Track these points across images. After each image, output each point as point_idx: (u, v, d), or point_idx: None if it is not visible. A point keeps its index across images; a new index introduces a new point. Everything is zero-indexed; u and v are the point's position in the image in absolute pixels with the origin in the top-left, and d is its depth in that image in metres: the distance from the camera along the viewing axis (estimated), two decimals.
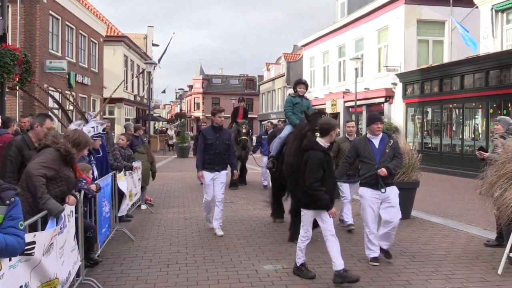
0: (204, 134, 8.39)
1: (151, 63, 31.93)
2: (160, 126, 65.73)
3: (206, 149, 8.29)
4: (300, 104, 8.70)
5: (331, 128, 6.00)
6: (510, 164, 6.47)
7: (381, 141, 6.64)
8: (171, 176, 18.25)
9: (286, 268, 6.39)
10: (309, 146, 5.98)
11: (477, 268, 6.41)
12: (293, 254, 7.09)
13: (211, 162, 8.28)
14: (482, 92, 18.63)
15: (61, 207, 4.62)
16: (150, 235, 8.35)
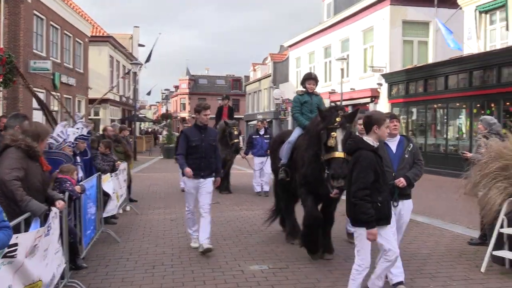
0: (187, 135, 7.25)
1: (137, 64, 31.77)
2: (146, 127, 65.53)
3: (190, 152, 7.12)
4: (309, 103, 7.55)
5: (374, 122, 4.80)
6: (493, 163, 6.55)
7: (399, 145, 5.63)
8: (157, 177, 18.18)
9: (272, 268, 6.40)
10: (356, 146, 4.83)
11: (461, 266, 6.48)
12: (279, 254, 7.12)
13: (196, 167, 7.05)
14: (465, 92, 18.82)
15: (44, 207, 4.59)
16: (135, 236, 8.30)
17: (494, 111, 17.21)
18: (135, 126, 33.93)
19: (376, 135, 4.80)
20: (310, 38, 34.73)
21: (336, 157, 5.75)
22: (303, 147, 6.83)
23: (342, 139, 5.80)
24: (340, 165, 5.67)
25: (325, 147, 5.91)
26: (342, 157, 5.69)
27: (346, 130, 5.88)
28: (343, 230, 8.18)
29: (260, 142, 13.39)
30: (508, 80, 16.65)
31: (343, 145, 5.75)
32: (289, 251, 7.28)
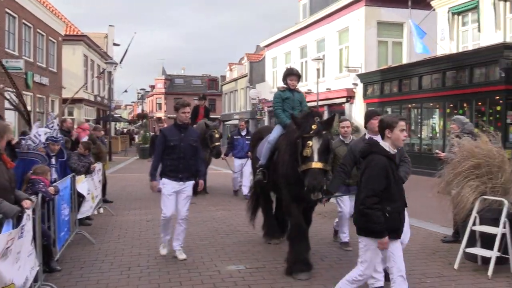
0: (165, 134, 6.78)
1: (112, 63, 31.44)
2: (122, 127, 64.89)
3: (168, 153, 6.68)
4: (291, 99, 7.16)
5: (386, 126, 4.47)
6: (466, 162, 6.67)
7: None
8: (133, 178, 18.02)
9: (249, 268, 6.40)
10: (369, 150, 4.49)
11: (435, 263, 6.58)
12: (256, 254, 7.13)
13: (174, 169, 6.66)
14: (439, 92, 19.12)
15: (17, 208, 4.51)
16: (111, 237, 8.22)
17: (466, 110, 17.53)
18: (110, 126, 33.57)
19: (390, 140, 4.42)
20: (286, 38, 34.85)
21: (312, 168, 5.40)
22: (283, 148, 6.46)
23: (319, 148, 5.46)
24: (315, 177, 5.32)
25: (301, 157, 5.55)
26: (319, 167, 5.39)
27: (323, 138, 5.51)
28: (318, 229, 8.23)
29: (241, 143, 12.93)
30: (480, 80, 16.97)
31: (319, 154, 5.44)
32: (266, 251, 7.30)
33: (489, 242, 6.17)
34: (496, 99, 16.17)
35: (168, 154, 6.70)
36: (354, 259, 6.71)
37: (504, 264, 6.26)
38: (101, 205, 10.70)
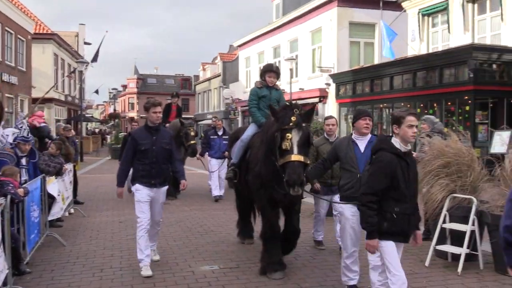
0: (135, 138, 6.23)
1: (83, 62, 30.99)
2: (93, 127, 64.02)
3: (139, 158, 6.18)
4: (267, 97, 6.77)
5: (393, 121, 4.22)
6: (436, 161, 6.80)
7: (368, 145, 5.18)
8: (105, 178, 17.79)
9: (222, 268, 6.39)
10: (378, 146, 4.24)
11: (407, 261, 6.67)
12: (230, 254, 7.12)
13: (146, 175, 6.17)
14: (410, 92, 19.40)
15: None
16: (82, 239, 8.10)
17: (436, 110, 17.82)
18: (81, 126, 33.10)
19: (399, 137, 4.16)
20: (260, 38, 34.90)
21: (292, 160, 5.13)
22: (257, 145, 6.20)
23: (298, 140, 5.22)
24: (295, 170, 5.06)
25: (280, 151, 5.30)
26: (299, 160, 5.13)
27: (302, 131, 5.28)
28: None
29: (218, 143, 12.44)
30: (449, 80, 17.28)
31: (299, 147, 5.20)
32: (239, 251, 7.30)
33: (458, 240, 6.29)
34: (465, 99, 16.49)
35: (139, 159, 6.21)
36: (327, 257, 6.79)
37: (473, 260, 6.41)
38: (72, 206, 10.54)
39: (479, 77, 16.03)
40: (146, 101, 6.55)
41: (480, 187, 6.67)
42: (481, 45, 16.92)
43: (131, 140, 6.30)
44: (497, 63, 16.41)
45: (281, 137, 5.29)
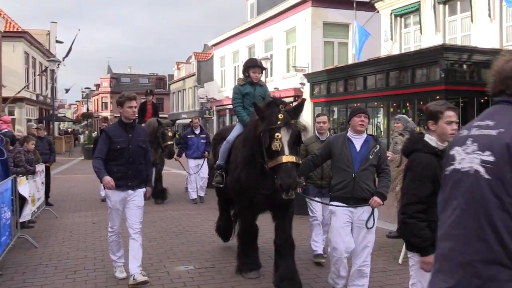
0: (110, 135, 5.66)
1: (55, 61, 30.49)
2: (66, 127, 63.07)
3: (113, 157, 5.62)
4: (251, 94, 6.31)
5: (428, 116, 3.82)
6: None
7: (364, 144, 5.00)
8: (78, 179, 17.56)
9: (198, 268, 6.38)
10: (411, 147, 3.77)
11: (380, 258, 6.77)
12: (205, 254, 7.11)
13: (122, 177, 5.61)
14: (383, 92, 19.63)
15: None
16: (55, 241, 7.98)
17: (409, 110, 18.09)
18: (53, 126, 32.56)
19: (435, 134, 3.71)
20: (234, 38, 34.88)
21: (283, 162, 4.69)
22: (239, 147, 5.84)
23: (289, 139, 4.80)
24: (289, 174, 4.63)
25: (269, 152, 4.83)
26: (291, 161, 4.72)
27: (292, 129, 4.88)
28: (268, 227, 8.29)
29: (196, 143, 11.90)
30: (421, 80, 17.55)
31: (290, 147, 4.79)
32: (215, 251, 7.29)
33: None
34: (437, 98, 16.73)
35: (114, 159, 5.62)
36: (302, 255, 6.81)
37: None
38: (44, 207, 10.37)
39: (450, 77, 16.32)
40: (119, 95, 5.93)
41: None
42: (452, 46, 17.24)
43: (105, 138, 5.68)
44: (467, 64, 16.73)
45: (269, 137, 4.82)
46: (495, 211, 2.03)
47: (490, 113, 2.29)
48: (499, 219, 2.01)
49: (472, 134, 2.24)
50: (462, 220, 2.14)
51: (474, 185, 2.12)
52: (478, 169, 2.12)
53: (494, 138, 2.13)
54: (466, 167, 2.18)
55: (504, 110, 2.24)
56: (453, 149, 2.30)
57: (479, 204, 2.08)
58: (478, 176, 2.12)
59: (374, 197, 4.87)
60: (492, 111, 2.30)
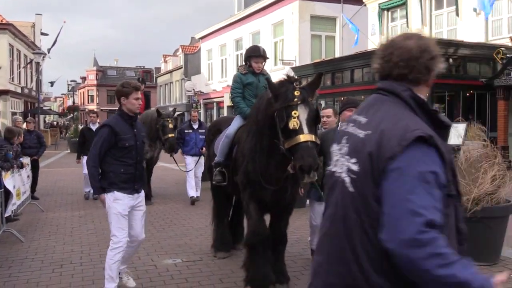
0: (117, 131, 4.89)
1: (40, 53, 30.17)
2: (52, 120, 62.53)
3: (120, 156, 4.90)
4: (254, 85, 5.90)
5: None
6: None
7: None
8: (64, 172, 17.44)
9: (185, 261, 6.38)
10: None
11: None
12: (193, 247, 7.11)
13: (129, 179, 4.95)
14: (370, 85, 19.68)
15: None
16: (41, 235, 7.93)
17: None
18: (39, 119, 32.25)
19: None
20: (222, 31, 34.76)
21: (302, 141, 4.20)
22: (244, 139, 5.28)
23: (307, 118, 4.33)
24: (310, 152, 4.15)
25: (285, 132, 4.34)
26: (311, 140, 4.24)
27: (309, 107, 4.43)
28: None
29: (193, 138, 10.91)
30: None
31: (309, 125, 4.31)
32: (202, 244, 7.29)
33: None
34: None
35: (120, 157, 4.90)
36: (289, 248, 6.83)
37: None
38: (30, 201, 10.29)
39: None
40: (122, 84, 5.05)
41: None
42: (438, 40, 17.27)
43: (109, 133, 4.88)
44: (453, 58, 16.86)
45: (286, 115, 4.33)
46: (355, 230, 1.76)
47: (367, 105, 1.97)
48: (359, 240, 1.75)
49: (348, 130, 1.91)
50: (331, 235, 1.88)
51: (341, 197, 1.84)
52: (345, 179, 1.82)
53: (360, 142, 1.81)
54: (338, 172, 1.88)
55: (381, 103, 1.90)
56: (333, 145, 2.01)
57: (342, 220, 1.81)
58: (344, 187, 1.83)
59: None
60: (369, 103, 1.97)
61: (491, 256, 6.14)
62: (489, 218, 5.96)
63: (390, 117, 1.79)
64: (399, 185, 1.66)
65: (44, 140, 11.99)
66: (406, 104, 1.83)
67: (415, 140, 1.69)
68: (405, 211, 1.62)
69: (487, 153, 6.40)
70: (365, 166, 1.75)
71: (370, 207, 1.73)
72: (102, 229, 8.23)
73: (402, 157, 1.67)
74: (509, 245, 6.95)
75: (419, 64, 1.87)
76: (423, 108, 1.85)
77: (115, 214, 4.88)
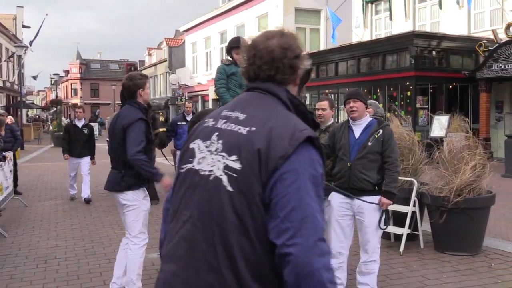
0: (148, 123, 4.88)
1: (22, 46, 29.77)
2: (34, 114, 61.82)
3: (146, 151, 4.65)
4: (238, 75, 5.64)
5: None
6: None
7: (365, 130, 4.63)
8: (48, 167, 17.26)
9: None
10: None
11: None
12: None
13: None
14: (354, 78, 19.81)
15: None
16: (24, 230, 7.85)
17: (380, 95, 18.30)
18: (21, 113, 31.88)
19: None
20: (206, 23, 34.60)
21: None
22: None
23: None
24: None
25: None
26: None
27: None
28: None
29: (187, 131, 10.03)
30: (392, 67, 17.77)
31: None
32: None
33: (400, 220, 6.53)
34: (407, 84, 17.01)
35: (146, 152, 4.68)
36: None
37: (414, 240, 6.68)
38: (12, 196, 10.18)
39: (420, 64, 16.56)
40: (132, 77, 4.86)
41: (421, 170, 6.93)
42: (422, 33, 17.48)
43: (145, 128, 4.75)
44: (436, 50, 17.01)
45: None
46: (233, 234, 1.59)
47: (242, 102, 1.83)
48: (238, 244, 1.58)
49: (219, 127, 1.75)
50: (192, 240, 1.66)
51: (213, 197, 1.64)
52: (221, 177, 1.64)
53: (243, 138, 1.66)
54: (206, 170, 1.69)
55: (259, 100, 1.78)
56: (194, 141, 1.80)
57: (216, 222, 1.61)
58: (219, 185, 1.64)
59: (381, 197, 4.48)
60: (245, 100, 1.83)
61: (473, 246, 6.24)
62: (471, 209, 6.04)
63: (276, 115, 1.70)
64: (296, 188, 1.57)
65: (18, 133, 11.74)
66: (283, 104, 1.77)
67: (304, 140, 1.62)
68: (307, 215, 1.55)
69: (469, 144, 6.48)
70: (250, 164, 1.61)
71: (255, 208, 1.59)
72: (86, 224, 8.19)
73: (294, 157, 1.60)
74: (491, 235, 7.07)
75: (283, 64, 1.78)
76: (298, 109, 1.79)
77: (144, 211, 4.77)
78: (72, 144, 10.13)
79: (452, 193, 5.99)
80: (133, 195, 4.65)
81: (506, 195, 10.07)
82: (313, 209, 1.56)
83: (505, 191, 10.48)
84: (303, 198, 1.56)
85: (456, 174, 6.13)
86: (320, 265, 1.52)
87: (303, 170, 1.59)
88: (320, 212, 1.58)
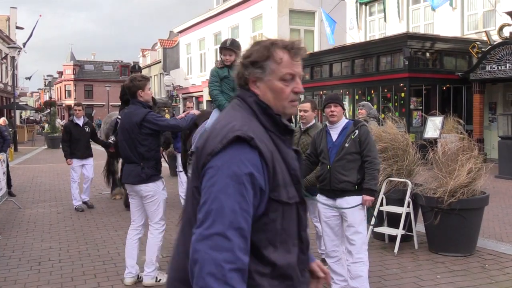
0: None
1: (15, 47, 29.65)
2: (28, 115, 61.60)
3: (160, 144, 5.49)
4: (230, 79, 5.72)
5: None
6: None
7: (342, 132, 4.69)
8: (41, 169, 17.19)
9: (166, 256, 6.34)
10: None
11: (375, 250, 6.88)
12: (173, 242, 7.06)
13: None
14: (348, 79, 19.85)
15: None
16: (18, 232, 7.81)
17: (374, 97, 18.36)
18: (15, 114, 31.72)
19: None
20: (200, 24, 34.57)
21: None
22: None
23: None
24: None
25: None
26: None
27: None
28: None
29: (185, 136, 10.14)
30: (385, 68, 17.82)
31: None
32: None
33: (395, 221, 6.55)
34: (401, 86, 17.06)
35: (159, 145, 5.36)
36: None
37: (409, 241, 6.69)
38: (6, 198, 10.13)
39: (413, 65, 16.62)
40: (135, 78, 5.25)
41: (415, 171, 6.95)
42: (416, 34, 17.55)
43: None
44: (430, 52, 17.07)
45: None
46: (187, 225, 1.82)
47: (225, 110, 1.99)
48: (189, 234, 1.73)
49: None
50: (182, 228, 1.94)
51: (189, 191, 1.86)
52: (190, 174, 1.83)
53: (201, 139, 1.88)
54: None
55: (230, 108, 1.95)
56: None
57: (187, 212, 1.86)
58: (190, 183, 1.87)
59: (363, 196, 4.55)
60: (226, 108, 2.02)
61: (467, 246, 6.26)
62: (465, 209, 6.06)
63: (227, 118, 1.83)
64: (212, 182, 1.67)
65: (7, 134, 11.61)
66: (250, 109, 1.87)
67: (235, 140, 1.69)
68: (212, 208, 1.63)
69: (464, 146, 6.50)
70: (195, 161, 1.79)
71: (194, 201, 1.76)
72: (80, 226, 8.16)
73: (220, 155, 1.68)
74: (485, 236, 7.10)
75: (239, 74, 1.98)
76: (266, 112, 1.87)
77: (163, 200, 5.31)
78: (74, 145, 9.42)
79: (446, 194, 6.01)
80: (154, 186, 5.14)
81: (500, 196, 10.13)
82: (223, 204, 1.63)
83: (498, 192, 10.54)
84: (214, 193, 1.65)
85: (450, 175, 6.15)
86: (209, 257, 1.58)
87: (224, 167, 1.67)
88: (233, 209, 1.63)
